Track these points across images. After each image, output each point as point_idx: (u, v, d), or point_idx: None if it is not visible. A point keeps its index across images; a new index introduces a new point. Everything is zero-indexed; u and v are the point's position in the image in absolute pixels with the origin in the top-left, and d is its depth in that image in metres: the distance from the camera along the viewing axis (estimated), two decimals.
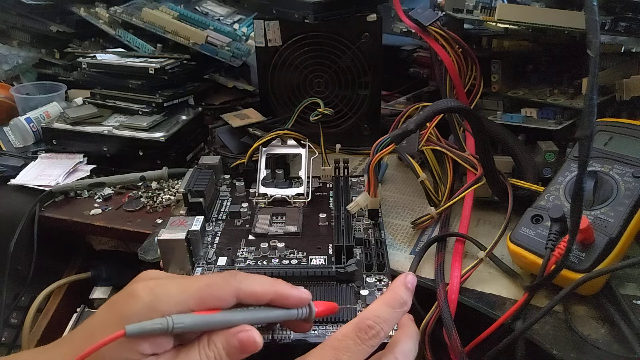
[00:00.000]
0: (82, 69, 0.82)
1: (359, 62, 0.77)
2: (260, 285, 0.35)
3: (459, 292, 0.50)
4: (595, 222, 0.49)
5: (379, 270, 0.53)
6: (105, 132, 0.75)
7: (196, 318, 0.32)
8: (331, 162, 0.71)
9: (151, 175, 0.72)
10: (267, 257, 0.55)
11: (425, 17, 0.69)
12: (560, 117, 0.69)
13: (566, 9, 0.63)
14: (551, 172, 0.64)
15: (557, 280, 0.47)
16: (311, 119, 0.72)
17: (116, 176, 0.73)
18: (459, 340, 0.46)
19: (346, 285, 0.51)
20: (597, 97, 0.37)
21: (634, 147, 0.54)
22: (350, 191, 0.67)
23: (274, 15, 0.75)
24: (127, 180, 0.73)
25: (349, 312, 0.47)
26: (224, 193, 0.68)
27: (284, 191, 0.66)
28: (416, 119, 0.51)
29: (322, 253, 0.56)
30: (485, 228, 0.62)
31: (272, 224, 0.61)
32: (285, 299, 0.36)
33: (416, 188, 0.69)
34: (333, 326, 0.46)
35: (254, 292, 0.34)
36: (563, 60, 0.76)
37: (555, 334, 0.46)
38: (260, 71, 0.81)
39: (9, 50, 1.01)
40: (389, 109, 0.86)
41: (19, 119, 0.83)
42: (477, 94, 0.72)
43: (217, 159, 0.69)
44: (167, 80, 0.78)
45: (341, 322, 0.47)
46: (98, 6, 0.95)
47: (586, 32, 0.36)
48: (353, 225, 0.60)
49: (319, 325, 0.46)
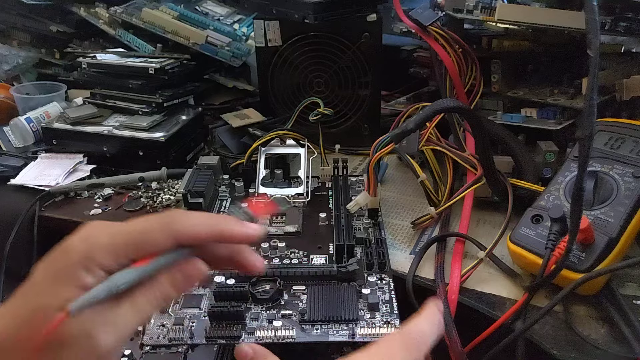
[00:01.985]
0: (82, 69, 0.82)
1: (359, 62, 0.77)
2: (201, 225, 0.32)
3: (459, 292, 0.51)
4: (595, 222, 0.49)
5: (380, 269, 0.53)
6: (105, 132, 0.75)
7: (139, 270, 0.30)
8: (330, 162, 0.71)
9: (150, 175, 0.72)
10: (268, 257, 0.55)
11: (425, 17, 0.69)
12: (560, 117, 0.69)
13: (566, 9, 0.63)
14: (551, 172, 0.64)
15: (557, 280, 0.47)
16: (310, 119, 0.72)
17: (115, 177, 0.73)
18: (459, 340, 0.46)
19: (347, 285, 0.51)
20: (597, 97, 0.37)
21: (634, 147, 0.54)
22: (350, 191, 0.67)
23: (274, 15, 0.75)
24: (126, 180, 0.73)
25: (351, 311, 0.47)
26: (223, 193, 0.68)
27: (283, 191, 0.66)
28: (416, 119, 0.51)
29: (323, 252, 0.56)
30: (485, 228, 0.62)
31: (272, 224, 0.61)
32: (230, 236, 0.33)
33: (416, 188, 0.69)
34: (335, 325, 0.46)
35: (195, 232, 0.32)
36: (563, 60, 0.76)
37: (555, 334, 0.46)
38: (260, 71, 0.81)
39: (9, 50, 1.01)
40: (389, 109, 0.86)
41: (19, 119, 0.83)
42: (477, 94, 0.73)
43: (216, 159, 0.69)
44: (167, 80, 0.78)
45: (343, 321, 0.47)
46: (98, 6, 0.95)
47: (586, 32, 0.36)
48: (353, 225, 0.60)
49: (321, 325, 0.46)
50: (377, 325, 0.46)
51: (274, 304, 0.49)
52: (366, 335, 0.46)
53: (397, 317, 0.47)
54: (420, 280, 0.54)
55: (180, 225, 0.32)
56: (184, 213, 0.33)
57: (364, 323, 0.47)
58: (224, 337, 0.46)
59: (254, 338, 0.46)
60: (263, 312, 0.48)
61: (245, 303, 0.49)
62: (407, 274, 0.54)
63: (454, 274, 0.52)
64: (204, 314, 0.48)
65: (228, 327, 0.47)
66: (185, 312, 0.49)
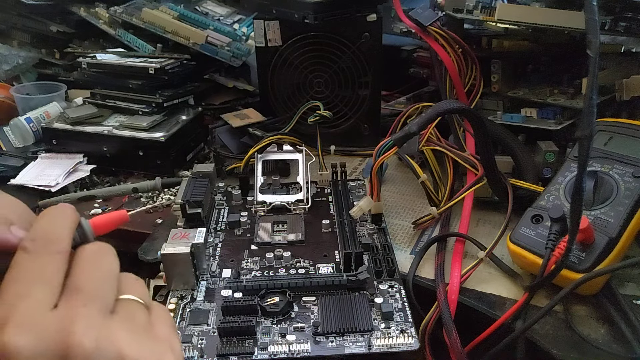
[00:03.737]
0: (82, 69, 0.82)
1: (359, 62, 0.77)
2: None
3: (459, 292, 0.50)
4: (595, 222, 0.49)
5: (389, 276, 0.53)
6: (105, 132, 0.75)
7: None
8: (328, 166, 0.70)
9: (144, 186, 0.71)
10: (274, 267, 0.54)
11: (425, 17, 0.69)
12: (560, 117, 0.69)
13: (566, 9, 0.63)
14: (551, 172, 0.64)
15: (557, 280, 0.47)
16: (309, 120, 0.72)
17: (107, 188, 0.72)
18: (459, 340, 0.46)
19: (358, 294, 0.50)
20: (597, 97, 0.37)
21: (634, 147, 0.54)
22: (350, 195, 0.66)
23: (274, 15, 0.75)
24: (119, 192, 0.71)
25: (365, 321, 0.46)
26: (220, 202, 0.67)
27: (283, 198, 0.65)
28: (418, 121, 0.51)
29: (329, 261, 0.55)
30: (485, 228, 0.62)
31: (274, 233, 0.60)
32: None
33: (416, 188, 0.69)
34: (350, 336, 0.45)
35: None
36: (563, 60, 0.76)
37: (555, 334, 0.46)
38: (260, 71, 0.81)
39: (9, 50, 1.01)
40: (389, 109, 0.86)
41: (19, 119, 0.83)
42: (477, 94, 0.72)
43: (211, 167, 0.67)
44: (167, 80, 0.78)
45: (358, 332, 0.45)
46: (98, 6, 0.95)
47: (586, 32, 0.36)
48: (357, 231, 0.59)
49: (335, 337, 0.45)
50: (394, 334, 0.45)
51: (285, 316, 0.48)
52: (383, 346, 0.44)
53: (412, 325, 0.47)
54: (420, 280, 0.54)
55: None
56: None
57: (380, 333, 0.46)
58: (237, 354, 0.44)
59: (267, 354, 0.44)
60: (274, 326, 0.47)
61: (255, 317, 0.47)
62: (407, 274, 0.54)
63: (454, 274, 0.52)
64: (213, 330, 0.47)
65: (240, 344, 0.45)
66: (192, 328, 0.47)
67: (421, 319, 0.49)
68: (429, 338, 0.49)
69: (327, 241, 0.58)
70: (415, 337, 0.45)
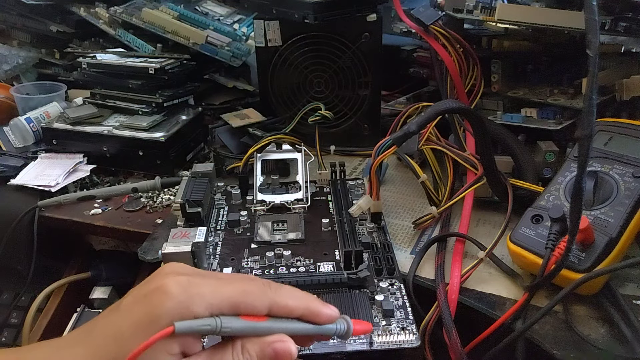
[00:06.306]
0: (82, 69, 0.82)
1: (359, 62, 0.77)
2: (294, 300, 0.34)
3: (459, 292, 0.50)
4: (595, 222, 0.49)
5: (389, 274, 0.53)
6: (105, 132, 0.75)
7: (244, 324, 0.31)
8: (327, 165, 0.70)
9: (144, 185, 0.70)
10: (274, 266, 0.54)
11: (427, 16, 0.69)
12: (560, 117, 0.69)
13: (566, 9, 0.63)
14: (551, 172, 0.64)
15: (557, 280, 0.47)
16: (310, 120, 0.72)
17: (107, 188, 0.72)
18: (459, 340, 0.46)
19: (359, 292, 0.50)
20: (597, 97, 0.37)
21: (634, 147, 0.54)
22: (350, 194, 0.66)
23: (274, 15, 0.75)
24: (119, 192, 0.71)
25: (365, 318, 0.46)
26: (220, 201, 0.67)
27: (282, 197, 0.65)
28: (418, 121, 0.51)
29: (329, 259, 0.55)
30: (485, 228, 0.62)
31: (274, 232, 0.60)
32: (316, 315, 0.34)
33: (416, 188, 0.69)
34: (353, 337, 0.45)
35: (287, 305, 0.33)
36: (563, 60, 0.76)
37: (555, 334, 0.46)
38: (260, 71, 0.81)
39: (9, 50, 1.01)
40: (389, 109, 0.86)
41: (19, 119, 0.83)
42: (477, 93, 0.72)
43: (210, 166, 0.66)
44: (167, 80, 0.78)
45: None
46: (98, 6, 0.95)
47: (586, 32, 0.36)
48: (357, 229, 0.60)
49: None
50: (394, 332, 0.46)
51: None
52: (384, 343, 0.45)
53: (412, 322, 0.47)
54: (420, 280, 0.54)
55: (278, 296, 0.33)
56: (280, 285, 0.34)
57: (381, 330, 0.46)
58: None
59: None
60: None
61: None
62: (407, 274, 0.54)
63: (454, 274, 0.52)
64: None
65: None
66: None
67: (421, 318, 0.49)
68: (429, 338, 0.49)
69: (327, 240, 0.59)
70: (417, 334, 0.45)
